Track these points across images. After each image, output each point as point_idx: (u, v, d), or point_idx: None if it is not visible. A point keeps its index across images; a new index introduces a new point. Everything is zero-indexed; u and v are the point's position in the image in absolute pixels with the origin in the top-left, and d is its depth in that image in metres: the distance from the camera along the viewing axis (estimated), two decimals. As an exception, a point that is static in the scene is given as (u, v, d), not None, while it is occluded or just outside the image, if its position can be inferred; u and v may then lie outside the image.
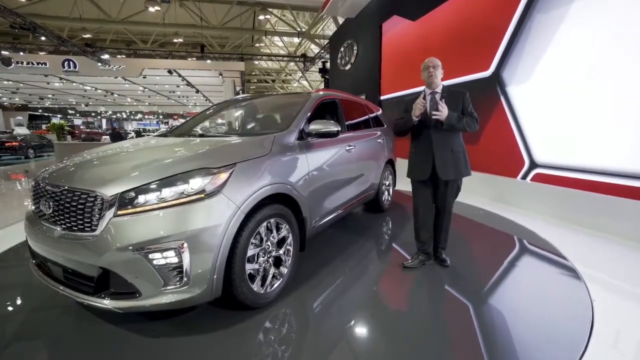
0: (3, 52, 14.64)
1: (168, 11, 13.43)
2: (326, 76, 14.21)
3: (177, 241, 1.49)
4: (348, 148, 3.04)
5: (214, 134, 2.98)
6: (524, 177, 4.41)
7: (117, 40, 17.73)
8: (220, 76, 18.82)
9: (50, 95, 29.14)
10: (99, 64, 15.75)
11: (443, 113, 2.22)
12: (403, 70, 7.39)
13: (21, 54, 15.48)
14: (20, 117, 21.76)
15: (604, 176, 3.45)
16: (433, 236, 2.61)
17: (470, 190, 2.52)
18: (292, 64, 21.05)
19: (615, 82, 3.33)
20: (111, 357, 1.57)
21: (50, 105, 36.04)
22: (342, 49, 10.70)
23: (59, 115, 37.67)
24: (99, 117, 45.01)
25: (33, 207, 1.86)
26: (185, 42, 18.32)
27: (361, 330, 1.82)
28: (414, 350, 1.62)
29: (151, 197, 1.54)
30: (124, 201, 1.52)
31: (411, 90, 6.79)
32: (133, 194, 1.53)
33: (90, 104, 34.61)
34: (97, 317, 1.85)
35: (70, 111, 39.62)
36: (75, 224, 1.58)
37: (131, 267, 1.47)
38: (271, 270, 2.01)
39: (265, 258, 1.96)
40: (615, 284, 2.43)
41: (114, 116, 46.97)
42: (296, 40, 18.22)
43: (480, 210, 4.39)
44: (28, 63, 15.92)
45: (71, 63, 16.04)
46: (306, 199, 2.29)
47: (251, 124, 3.20)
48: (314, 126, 2.41)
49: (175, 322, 1.82)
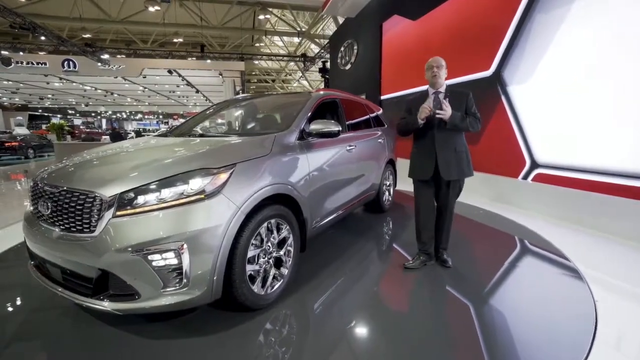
0: (3, 52, 14.62)
1: (168, 11, 13.41)
2: (326, 76, 14.20)
3: (177, 242, 1.48)
4: (349, 148, 3.02)
5: (214, 133, 2.96)
6: (525, 177, 4.39)
7: (117, 40, 17.71)
8: (220, 76, 18.82)
9: (50, 95, 29.14)
10: (99, 64, 15.74)
11: (447, 112, 2.21)
12: (403, 70, 7.37)
13: (21, 53, 15.46)
14: (20, 117, 21.75)
15: (606, 176, 3.44)
16: (434, 236, 2.59)
17: (471, 190, 2.50)
18: (292, 64, 21.04)
19: (617, 82, 3.31)
20: (109, 359, 1.55)
21: (50, 105, 36.04)
22: (343, 49, 10.68)
23: (58, 115, 37.65)
24: (99, 117, 44.99)
25: (31, 208, 1.84)
26: (185, 42, 18.31)
27: (362, 332, 1.80)
28: (415, 352, 1.61)
29: (150, 198, 1.52)
30: (123, 202, 1.50)
31: (411, 90, 6.78)
32: (132, 194, 1.51)
33: (90, 104, 34.61)
34: (96, 319, 1.84)
35: (70, 111, 39.61)
36: (73, 224, 1.56)
37: (130, 269, 1.46)
38: (272, 271, 1.99)
39: (266, 259, 1.94)
40: (618, 285, 2.41)
41: (114, 116, 46.96)
42: (296, 40, 18.21)
43: (481, 211, 4.38)
44: (28, 63, 15.90)
45: (71, 63, 16.02)
46: (307, 200, 2.28)
47: (251, 124, 3.19)
48: (315, 126, 2.39)
49: (174, 324, 1.80)
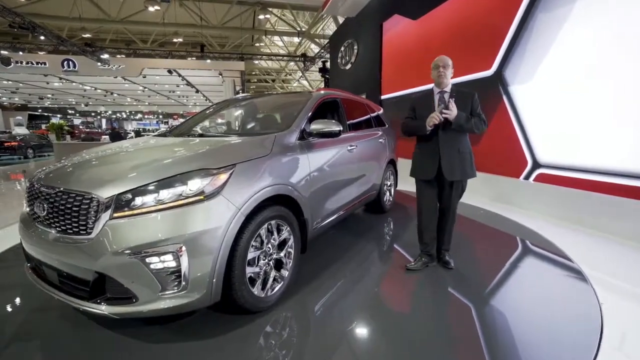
0: (2, 52, 14.60)
1: (168, 11, 13.38)
2: (326, 76, 14.17)
3: (175, 244, 1.45)
4: (350, 148, 2.99)
5: (214, 133, 2.93)
6: (527, 178, 4.37)
7: (117, 40, 17.68)
8: (220, 76, 18.79)
9: (49, 95, 29.13)
10: (99, 64, 15.71)
11: (452, 113, 2.19)
12: (404, 70, 7.33)
13: (20, 53, 15.44)
14: (20, 117, 21.73)
15: (608, 176, 3.41)
16: (436, 237, 2.56)
17: (472, 190, 2.48)
18: (292, 64, 21.02)
19: (619, 82, 3.28)
20: (107, 364, 1.53)
21: (50, 105, 36.02)
22: (343, 49, 10.66)
23: (58, 115, 37.62)
24: (98, 117, 44.95)
25: (28, 209, 1.81)
26: (185, 42, 18.28)
27: (364, 334, 1.78)
28: (417, 355, 1.58)
29: (148, 199, 1.49)
30: (121, 203, 1.47)
31: (411, 90, 6.74)
32: (130, 195, 1.48)
33: (90, 103, 34.59)
34: (93, 321, 1.81)
35: (70, 111, 39.58)
36: (70, 226, 1.53)
37: (128, 272, 1.43)
38: (272, 273, 1.96)
39: (266, 261, 1.91)
40: (623, 287, 2.38)
41: (114, 116, 46.92)
42: (296, 39, 18.18)
43: (483, 211, 4.35)
44: (27, 63, 15.87)
45: (70, 63, 15.99)
46: (307, 200, 2.25)
47: (251, 124, 3.16)
48: (316, 126, 2.36)
49: (172, 327, 1.77)
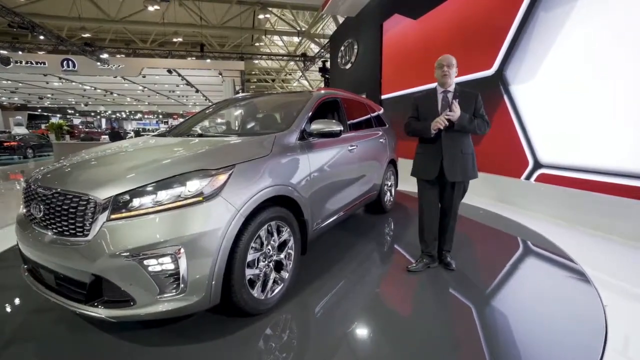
0: (2, 52, 14.57)
1: (167, 10, 13.35)
2: (326, 75, 14.15)
3: (174, 246, 1.42)
4: (350, 148, 2.97)
5: (213, 133, 2.91)
6: (528, 178, 4.34)
7: (117, 39, 17.65)
8: (220, 75, 18.74)
9: (49, 95, 29.09)
10: (98, 64, 15.67)
11: (455, 113, 2.17)
12: (404, 70, 7.31)
13: (20, 53, 15.40)
14: (20, 117, 21.65)
15: (610, 176, 3.39)
16: (438, 238, 2.54)
17: (472, 190, 2.47)
18: (292, 64, 20.99)
19: (622, 81, 3.26)
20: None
21: (50, 105, 35.97)
22: (343, 48, 10.64)
23: (58, 115, 37.56)
24: (98, 117, 44.90)
25: (24, 211, 1.79)
26: (185, 42, 18.25)
27: (365, 337, 1.75)
28: (419, 359, 1.56)
29: (146, 200, 1.47)
30: (118, 204, 1.45)
31: (412, 90, 6.71)
32: (127, 197, 1.46)
33: (90, 103, 34.54)
34: (90, 324, 1.78)
35: (69, 111, 39.52)
36: (66, 228, 1.51)
37: (125, 274, 1.40)
38: (272, 275, 1.94)
39: (266, 262, 1.89)
40: (627, 288, 2.36)
41: (114, 116, 46.88)
42: (296, 39, 18.16)
43: (484, 211, 4.33)
44: (27, 62, 15.81)
45: (70, 62, 15.94)
46: (308, 201, 2.22)
47: (251, 124, 3.13)
48: (316, 126, 2.34)
49: (170, 330, 1.75)
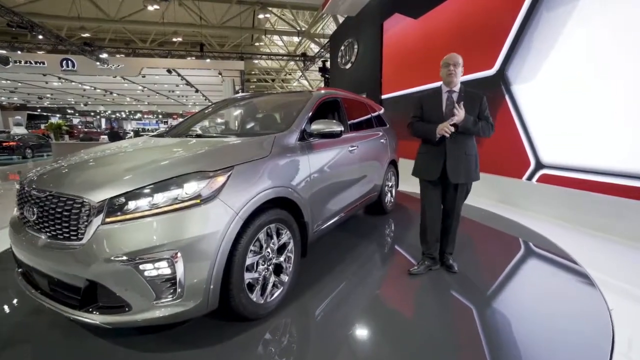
0: (0, 51, 14.52)
1: (167, 10, 13.31)
2: (326, 75, 14.11)
3: (171, 251, 1.38)
4: (351, 149, 2.93)
5: (212, 134, 2.87)
6: (530, 178, 4.31)
7: (116, 39, 17.62)
8: (219, 75, 18.68)
9: (49, 95, 29.02)
10: (98, 63, 15.61)
11: (460, 116, 2.14)
12: (405, 69, 7.26)
13: (19, 53, 15.35)
14: (19, 117, 21.58)
15: (613, 177, 3.35)
16: (439, 239, 2.51)
17: (473, 191, 2.44)
18: (292, 63, 20.95)
19: (625, 80, 3.22)
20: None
21: (49, 105, 35.91)
22: (343, 48, 10.60)
23: (58, 115, 37.50)
24: (98, 117, 44.83)
25: (18, 213, 1.75)
26: (185, 41, 18.22)
27: (366, 340, 1.72)
28: (424, 366, 1.52)
29: (142, 203, 1.43)
30: (113, 207, 1.41)
31: (412, 90, 6.68)
32: (123, 199, 1.42)
33: (90, 103, 34.47)
34: (85, 329, 1.74)
35: (69, 111, 39.44)
36: (60, 231, 1.47)
37: (120, 279, 1.36)
38: (271, 278, 1.90)
39: (265, 266, 1.85)
40: (632, 291, 2.32)
41: (113, 116, 46.81)
42: (296, 39, 18.13)
43: (485, 212, 4.29)
44: (26, 62, 15.74)
45: (69, 62, 15.88)
46: (308, 203, 2.19)
47: (250, 124, 3.10)
48: (316, 126, 2.30)
49: (167, 335, 1.71)
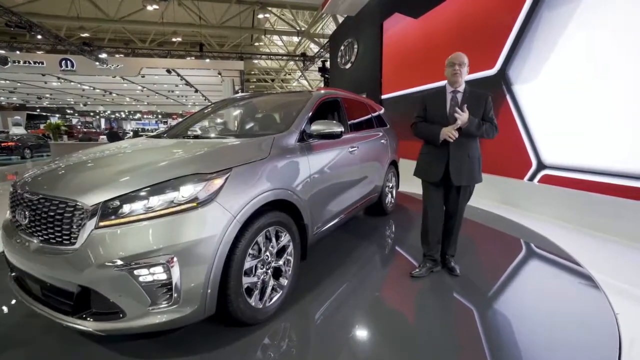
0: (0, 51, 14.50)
1: (166, 10, 13.28)
2: (326, 75, 14.08)
3: (166, 255, 1.34)
4: (351, 149, 2.89)
5: (210, 135, 2.83)
6: (531, 179, 4.27)
7: (115, 39, 17.58)
8: (219, 75, 18.64)
9: (48, 95, 28.94)
10: (97, 63, 15.56)
11: (463, 118, 2.09)
12: (405, 69, 7.23)
13: (18, 53, 15.29)
14: (18, 117, 21.56)
15: (615, 178, 3.31)
16: (441, 241, 2.47)
17: (475, 192, 2.40)
18: (292, 63, 20.91)
19: (627, 80, 3.18)
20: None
21: (49, 105, 35.84)
22: (343, 48, 10.56)
23: (57, 115, 37.42)
24: (97, 117, 44.75)
25: (10, 216, 1.71)
26: (184, 41, 18.19)
27: (367, 345, 1.68)
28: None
29: (137, 207, 1.39)
30: (107, 211, 1.37)
31: (412, 90, 6.64)
32: (117, 202, 1.38)
33: (89, 103, 34.40)
34: (79, 335, 1.69)
35: (68, 111, 39.36)
36: (53, 235, 1.43)
37: (114, 285, 1.32)
38: (270, 282, 1.86)
39: (264, 270, 1.81)
40: (637, 294, 2.28)
41: (113, 116, 46.74)
42: (295, 39, 18.09)
43: (486, 213, 4.25)
44: (25, 62, 15.69)
45: (69, 62, 15.82)
46: (307, 205, 2.15)
47: (249, 125, 3.06)
48: (316, 127, 2.26)
49: (164, 341, 1.67)
